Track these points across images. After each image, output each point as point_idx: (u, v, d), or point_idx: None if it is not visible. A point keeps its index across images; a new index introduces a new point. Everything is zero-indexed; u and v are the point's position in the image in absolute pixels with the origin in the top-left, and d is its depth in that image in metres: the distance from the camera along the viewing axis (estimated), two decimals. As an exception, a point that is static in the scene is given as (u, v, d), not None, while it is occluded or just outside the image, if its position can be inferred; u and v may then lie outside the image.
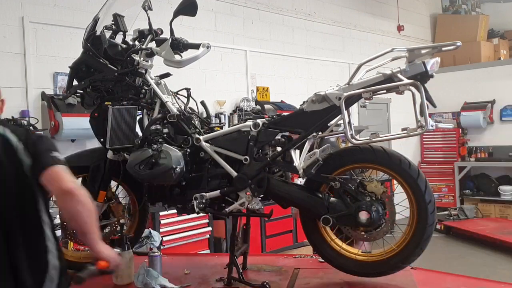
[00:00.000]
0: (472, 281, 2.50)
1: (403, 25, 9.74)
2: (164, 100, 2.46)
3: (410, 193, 2.14)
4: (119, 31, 2.57)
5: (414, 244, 2.15)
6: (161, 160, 2.29)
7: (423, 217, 2.12)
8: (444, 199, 9.57)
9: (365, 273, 2.28)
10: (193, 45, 2.46)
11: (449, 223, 8.19)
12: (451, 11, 10.70)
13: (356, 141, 2.11)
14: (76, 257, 2.65)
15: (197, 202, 2.36)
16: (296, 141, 2.28)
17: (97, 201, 2.50)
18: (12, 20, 4.77)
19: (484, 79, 9.44)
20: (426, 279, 2.40)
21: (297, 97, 6.64)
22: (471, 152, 9.63)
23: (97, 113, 2.47)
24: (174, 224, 5.14)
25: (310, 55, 7.93)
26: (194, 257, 3.06)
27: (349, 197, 2.20)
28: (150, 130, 2.38)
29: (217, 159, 2.36)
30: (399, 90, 2.02)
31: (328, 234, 2.35)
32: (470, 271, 5.87)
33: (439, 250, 7.05)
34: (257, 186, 2.28)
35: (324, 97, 2.17)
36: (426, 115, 1.96)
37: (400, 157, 2.16)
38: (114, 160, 2.50)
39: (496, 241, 7.11)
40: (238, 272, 2.33)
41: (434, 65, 2.05)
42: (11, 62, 4.74)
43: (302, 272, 2.52)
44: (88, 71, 2.48)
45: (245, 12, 7.03)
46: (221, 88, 6.62)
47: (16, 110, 4.68)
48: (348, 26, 8.70)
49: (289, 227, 6.22)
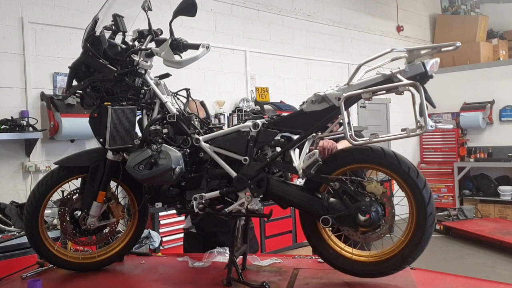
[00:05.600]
0: (471, 281, 2.50)
1: (403, 26, 9.75)
2: (164, 100, 2.45)
3: (413, 204, 2.15)
4: (119, 31, 2.57)
5: (408, 251, 2.16)
6: (160, 161, 2.29)
7: (421, 227, 2.14)
8: (443, 200, 9.59)
9: (364, 274, 2.28)
10: (193, 46, 2.46)
11: (449, 223, 8.20)
12: (451, 12, 10.71)
13: (355, 141, 2.11)
14: (75, 258, 2.64)
15: (197, 203, 2.36)
16: (295, 141, 2.28)
17: (96, 202, 2.50)
18: (11, 21, 4.77)
19: (484, 80, 9.46)
20: (426, 280, 2.40)
21: (297, 98, 6.65)
22: (470, 153, 9.65)
23: (96, 113, 2.46)
24: (174, 225, 5.15)
25: (309, 55, 7.94)
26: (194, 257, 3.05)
27: (349, 198, 2.20)
28: (149, 130, 2.38)
29: (217, 159, 2.36)
30: (398, 91, 2.02)
31: (328, 235, 2.35)
32: (470, 272, 5.89)
33: (438, 250, 7.07)
34: (256, 186, 2.27)
35: (324, 97, 2.17)
36: (426, 115, 1.95)
37: (408, 163, 2.16)
38: (114, 160, 2.50)
39: (495, 242, 7.13)
40: (237, 272, 2.33)
41: (433, 65, 2.05)
42: (10, 62, 4.75)
43: (301, 273, 2.52)
44: (87, 71, 2.48)
45: (244, 12, 7.03)
46: (221, 89, 6.63)
47: (15, 111, 4.68)
48: (347, 26, 8.71)
49: (288, 228, 6.23)
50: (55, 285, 2.40)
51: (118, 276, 2.66)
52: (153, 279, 2.58)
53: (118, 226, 2.70)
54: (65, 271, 2.65)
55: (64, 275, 2.62)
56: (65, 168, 2.57)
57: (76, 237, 2.58)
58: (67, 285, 2.50)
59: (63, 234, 2.60)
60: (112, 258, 2.70)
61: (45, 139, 4.85)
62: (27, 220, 2.55)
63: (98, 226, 2.55)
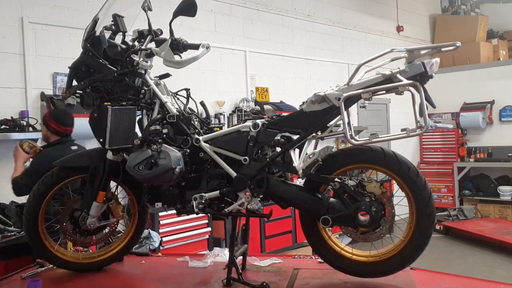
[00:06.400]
0: (471, 281, 2.50)
1: (403, 26, 9.75)
2: (164, 100, 2.46)
3: (413, 204, 2.15)
4: (119, 31, 2.57)
5: (408, 251, 2.16)
6: (160, 161, 2.29)
7: (420, 227, 2.13)
8: (443, 200, 9.58)
9: (364, 274, 2.28)
10: (193, 46, 2.46)
11: (448, 223, 8.20)
12: (450, 12, 10.71)
13: (355, 141, 2.11)
14: (75, 258, 2.64)
15: (197, 203, 2.36)
16: (295, 141, 2.28)
17: (96, 202, 2.50)
18: (11, 21, 4.77)
19: (484, 80, 9.45)
20: (426, 280, 2.40)
21: (297, 98, 6.65)
22: (470, 153, 9.64)
23: (96, 113, 2.47)
24: (174, 225, 5.15)
25: (309, 55, 7.93)
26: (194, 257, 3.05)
27: (349, 198, 2.20)
28: (149, 130, 2.38)
29: (217, 159, 2.36)
30: (398, 91, 2.02)
31: (328, 235, 2.35)
32: (469, 272, 5.88)
33: (438, 250, 7.06)
34: (256, 186, 2.28)
35: (324, 97, 2.17)
36: (426, 115, 1.96)
37: (408, 163, 2.16)
38: (114, 160, 2.50)
39: (495, 242, 7.12)
40: (237, 272, 2.33)
41: (433, 65, 2.06)
42: (10, 62, 4.74)
43: (301, 273, 2.52)
44: (87, 71, 2.48)
45: (244, 12, 7.03)
46: (221, 89, 6.62)
47: (15, 111, 4.68)
48: (347, 26, 8.71)
49: (288, 228, 6.23)
50: (55, 285, 2.40)
51: (118, 276, 2.66)
52: (153, 279, 2.58)
53: (118, 226, 2.70)
54: (65, 271, 2.65)
55: (64, 275, 2.62)
56: (65, 168, 2.57)
57: (76, 237, 2.58)
58: (67, 285, 2.50)
59: (63, 234, 2.61)
60: (112, 258, 2.70)
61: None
62: (27, 220, 2.55)
63: (98, 226, 2.55)
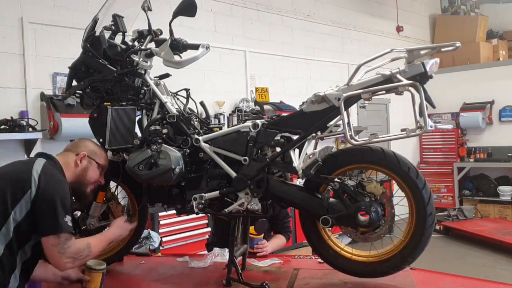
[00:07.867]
0: (471, 281, 2.50)
1: (402, 26, 9.75)
2: (164, 100, 2.45)
3: (413, 204, 2.15)
4: (119, 31, 2.57)
5: (408, 251, 2.15)
6: (160, 161, 2.29)
7: (420, 227, 2.13)
8: (443, 200, 9.58)
9: (364, 274, 2.28)
10: (193, 46, 2.46)
11: (448, 223, 8.20)
12: (450, 12, 10.71)
13: (355, 141, 2.11)
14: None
15: (197, 203, 2.36)
16: (295, 141, 2.28)
17: (96, 202, 2.50)
18: (11, 21, 4.77)
19: (483, 80, 9.45)
20: (425, 280, 2.40)
21: (296, 98, 6.64)
22: (470, 153, 9.64)
23: (96, 113, 2.47)
24: (173, 225, 5.15)
25: (309, 55, 7.94)
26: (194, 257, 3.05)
27: (348, 198, 2.20)
28: (149, 130, 2.38)
29: (216, 159, 2.36)
30: (398, 91, 2.02)
31: (328, 235, 2.35)
32: (469, 272, 5.88)
33: (438, 250, 7.06)
34: (256, 186, 2.27)
35: (324, 97, 2.17)
36: (425, 115, 1.95)
37: (407, 163, 2.16)
38: (114, 160, 2.50)
39: (495, 242, 7.12)
40: (237, 272, 2.33)
41: (433, 65, 2.05)
42: (10, 62, 4.74)
43: (301, 273, 2.52)
44: (87, 71, 2.48)
45: (244, 12, 7.03)
46: (221, 89, 6.62)
47: (15, 111, 4.68)
48: (347, 26, 8.71)
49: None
50: (55, 285, 2.40)
51: (118, 276, 2.66)
52: (153, 279, 2.58)
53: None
54: (65, 271, 2.64)
55: (63, 275, 2.61)
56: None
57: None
58: (67, 285, 2.50)
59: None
60: (112, 258, 2.70)
61: (45, 139, 4.84)
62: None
63: (98, 226, 2.54)
